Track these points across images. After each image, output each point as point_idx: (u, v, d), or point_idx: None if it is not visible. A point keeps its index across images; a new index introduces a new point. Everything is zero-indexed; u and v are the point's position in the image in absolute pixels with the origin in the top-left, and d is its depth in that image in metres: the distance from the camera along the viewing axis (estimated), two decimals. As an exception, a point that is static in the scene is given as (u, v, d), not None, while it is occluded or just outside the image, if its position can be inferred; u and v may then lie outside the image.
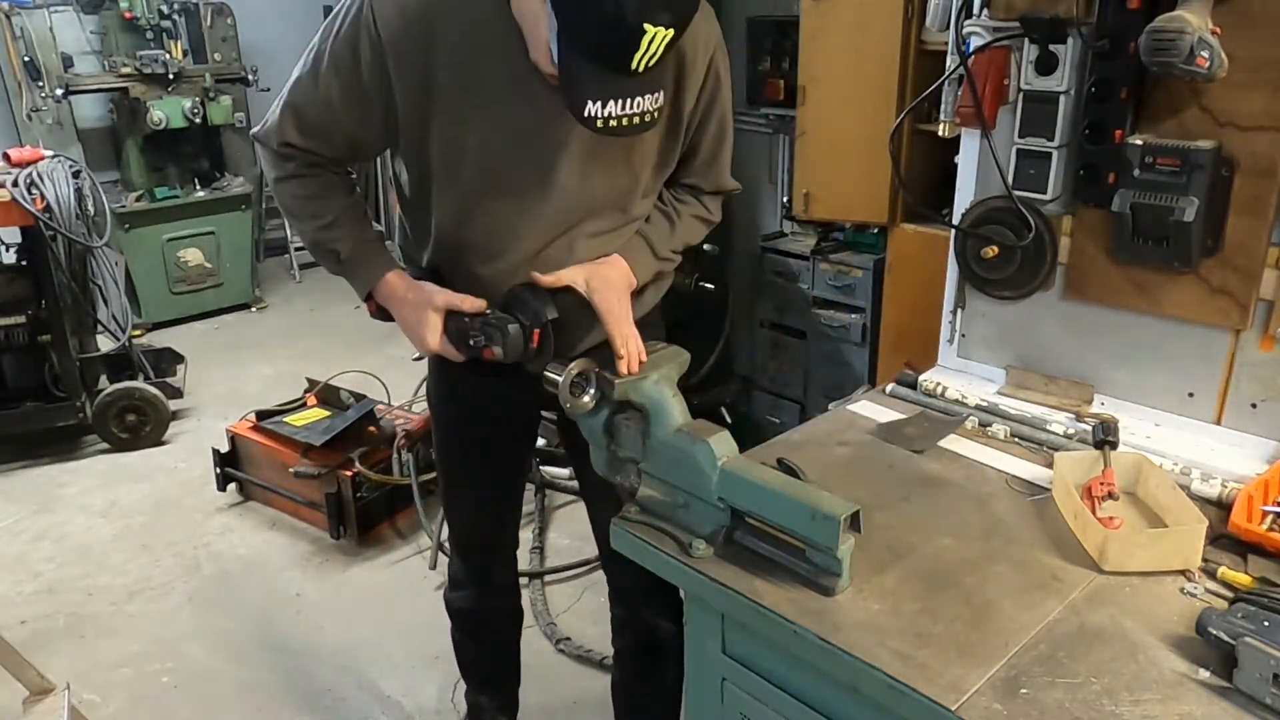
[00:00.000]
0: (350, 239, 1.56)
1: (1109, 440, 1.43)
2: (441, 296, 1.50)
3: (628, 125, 1.26)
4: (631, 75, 1.20)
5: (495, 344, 1.46)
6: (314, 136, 1.49)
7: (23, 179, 3.50)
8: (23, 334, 3.72)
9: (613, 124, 1.24)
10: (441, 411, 1.87)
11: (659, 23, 1.16)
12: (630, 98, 1.23)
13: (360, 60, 1.40)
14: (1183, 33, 1.28)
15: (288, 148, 1.51)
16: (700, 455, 1.26)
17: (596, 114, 1.23)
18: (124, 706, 2.54)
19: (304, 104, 1.47)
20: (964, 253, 1.72)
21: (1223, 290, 1.45)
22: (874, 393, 1.84)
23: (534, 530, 3.25)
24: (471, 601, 2.09)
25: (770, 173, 3.87)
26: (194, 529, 3.38)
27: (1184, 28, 1.28)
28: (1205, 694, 1.03)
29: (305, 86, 1.46)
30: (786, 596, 1.19)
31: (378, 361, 4.21)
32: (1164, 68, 1.32)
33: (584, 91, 1.22)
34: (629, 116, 1.25)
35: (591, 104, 1.22)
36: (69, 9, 5.13)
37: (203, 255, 5.41)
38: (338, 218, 1.55)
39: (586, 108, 1.22)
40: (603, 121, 1.24)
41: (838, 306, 3.37)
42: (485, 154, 1.47)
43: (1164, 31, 1.29)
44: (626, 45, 1.17)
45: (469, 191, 1.51)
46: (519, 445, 1.93)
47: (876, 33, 2.88)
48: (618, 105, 1.23)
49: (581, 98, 1.22)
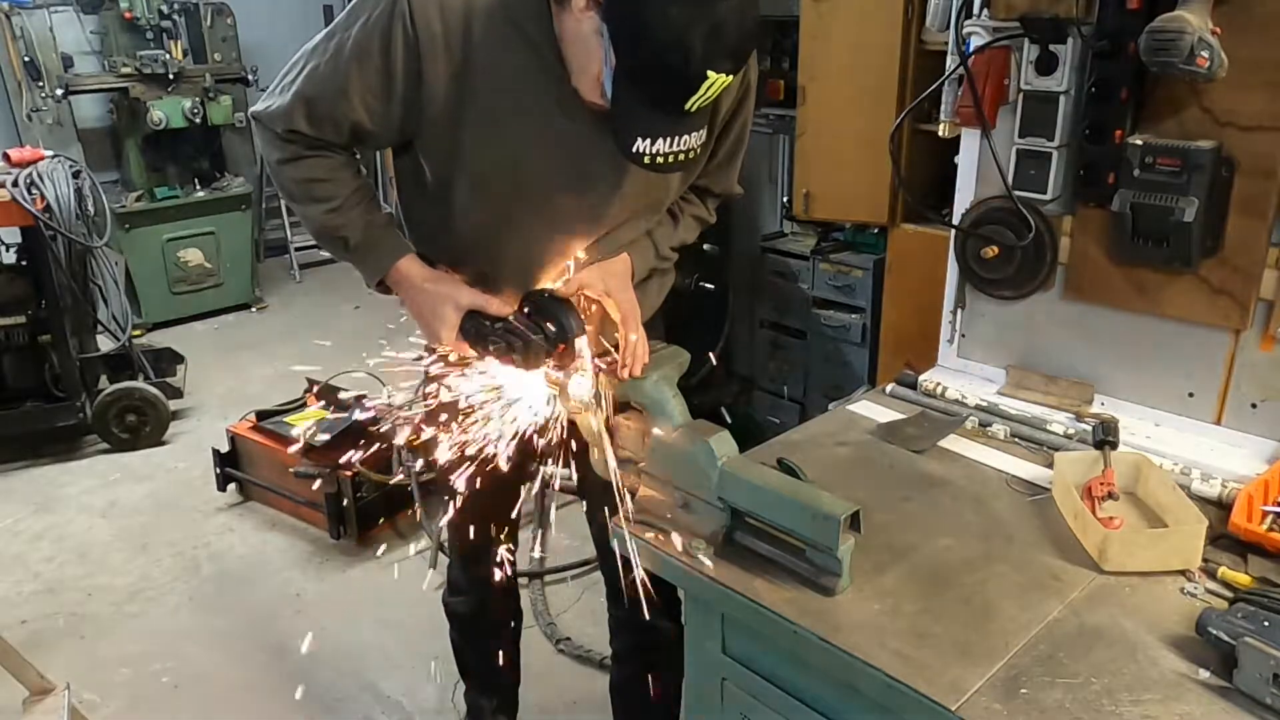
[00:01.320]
0: (360, 223, 1.51)
1: (1109, 440, 1.43)
2: (467, 296, 1.46)
3: (673, 162, 1.27)
4: (684, 115, 1.21)
5: (516, 352, 1.40)
6: (322, 124, 1.45)
7: (23, 179, 3.50)
8: (23, 334, 3.72)
9: (659, 160, 1.26)
10: None
11: (721, 70, 1.17)
12: (677, 135, 1.24)
13: (391, 54, 1.36)
14: (1183, 33, 1.28)
15: (293, 134, 1.46)
16: (700, 455, 1.26)
17: (644, 150, 1.24)
18: (124, 706, 2.54)
19: (317, 93, 1.42)
20: (964, 253, 1.72)
21: (1223, 290, 1.45)
22: (874, 393, 1.84)
23: (534, 530, 3.25)
24: (470, 606, 2.08)
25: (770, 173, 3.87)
26: (194, 529, 3.38)
27: (1184, 28, 1.28)
28: (1205, 694, 1.03)
29: (322, 75, 1.41)
30: (786, 596, 1.19)
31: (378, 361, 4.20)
32: (1164, 68, 1.32)
33: (634, 129, 1.23)
34: (675, 154, 1.26)
35: (641, 141, 1.23)
36: (69, 9, 5.13)
37: (203, 255, 5.41)
38: (345, 200, 1.50)
39: (636, 145, 1.23)
40: (649, 158, 1.25)
41: (838, 306, 3.37)
42: (521, 165, 1.45)
43: (1164, 31, 1.29)
44: (686, 90, 1.18)
45: (500, 197, 1.49)
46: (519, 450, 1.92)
47: (876, 33, 2.88)
48: (666, 143, 1.24)
49: (631, 135, 1.23)
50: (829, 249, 3.39)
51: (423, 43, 1.35)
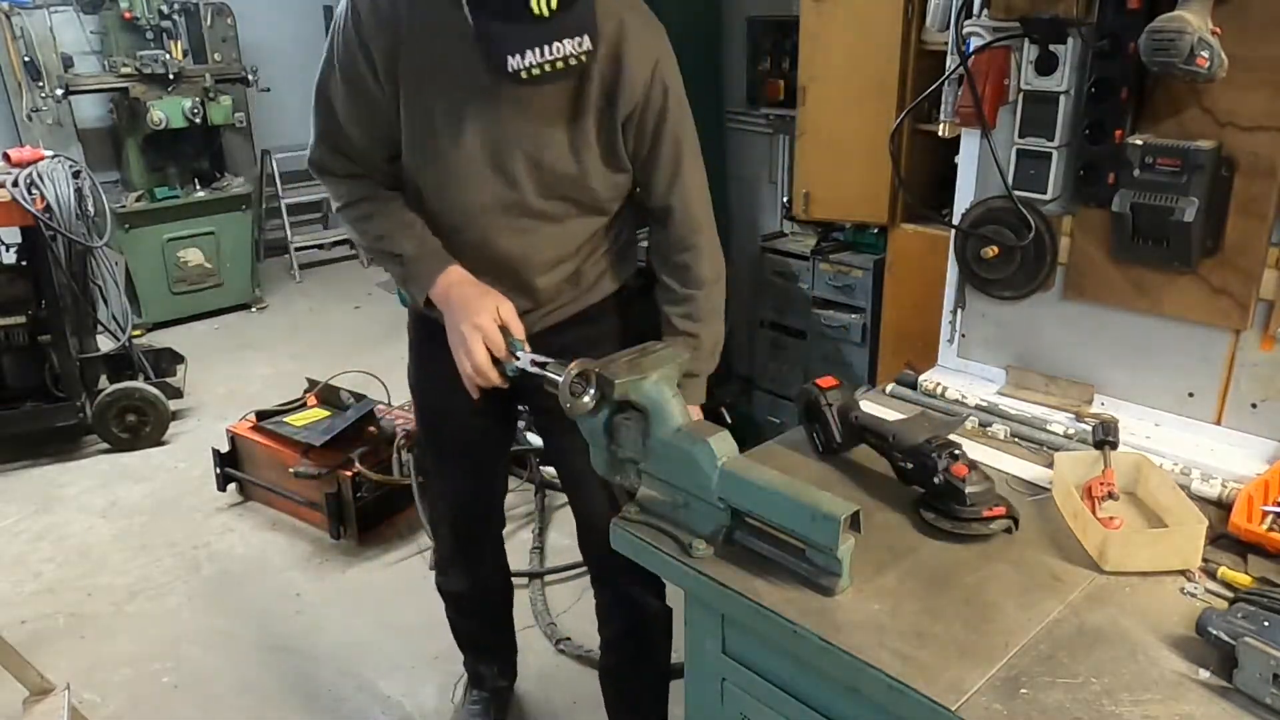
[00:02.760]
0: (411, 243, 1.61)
1: (1109, 440, 1.43)
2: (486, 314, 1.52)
3: (551, 70, 1.29)
4: (538, 20, 1.25)
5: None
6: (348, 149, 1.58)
7: (23, 179, 3.50)
8: (23, 334, 3.72)
9: (535, 71, 1.29)
10: (420, 391, 1.93)
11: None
12: (547, 44, 1.27)
13: (352, 55, 1.49)
14: (1183, 33, 1.28)
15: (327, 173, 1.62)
16: (700, 455, 1.26)
17: (519, 65, 1.28)
18: (124, 706, 2.54)
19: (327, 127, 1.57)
20: (964, 253, 1.72)
21: (1223, 290, 1.45)
22: (874, 393, 1.84)
23: (534, 530, 3.25)
24: (461, 582, 2.14)
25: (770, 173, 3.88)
26: (194, 529, 3.38)
27: (1184, 28, 1.28)
28: (1205, 694, 1.03)
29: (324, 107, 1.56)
30: (786, 596, 1.19)
31: (378, 361, 4.20)
32: (1164, 68, 1.32)
33: (501, 48, 1.27)
34: (550, 62, 1.29)
35: (511, 58, 1.27)
36: (69, 9, 5.13)
37: (203, 255, 5.41)
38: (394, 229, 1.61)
39: (508, 63, 1.27)
40: (525, 71, 1.28)
41: (838, 306, 3.37)
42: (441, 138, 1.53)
43: (1164, 31, 1.29)
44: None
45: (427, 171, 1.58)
46: (497, 427, 1.98)
47: (876, 33, 2.88)
48: (536, 54, 1.27)
49: (501, 55, 1.28)
50: (829, 249, 3.39)
51: (364, 29, 1.47)
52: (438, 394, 1.86)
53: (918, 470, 1.35)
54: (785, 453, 1.56)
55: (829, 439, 1.51)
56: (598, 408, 1.38)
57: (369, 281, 6.11)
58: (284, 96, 5.94)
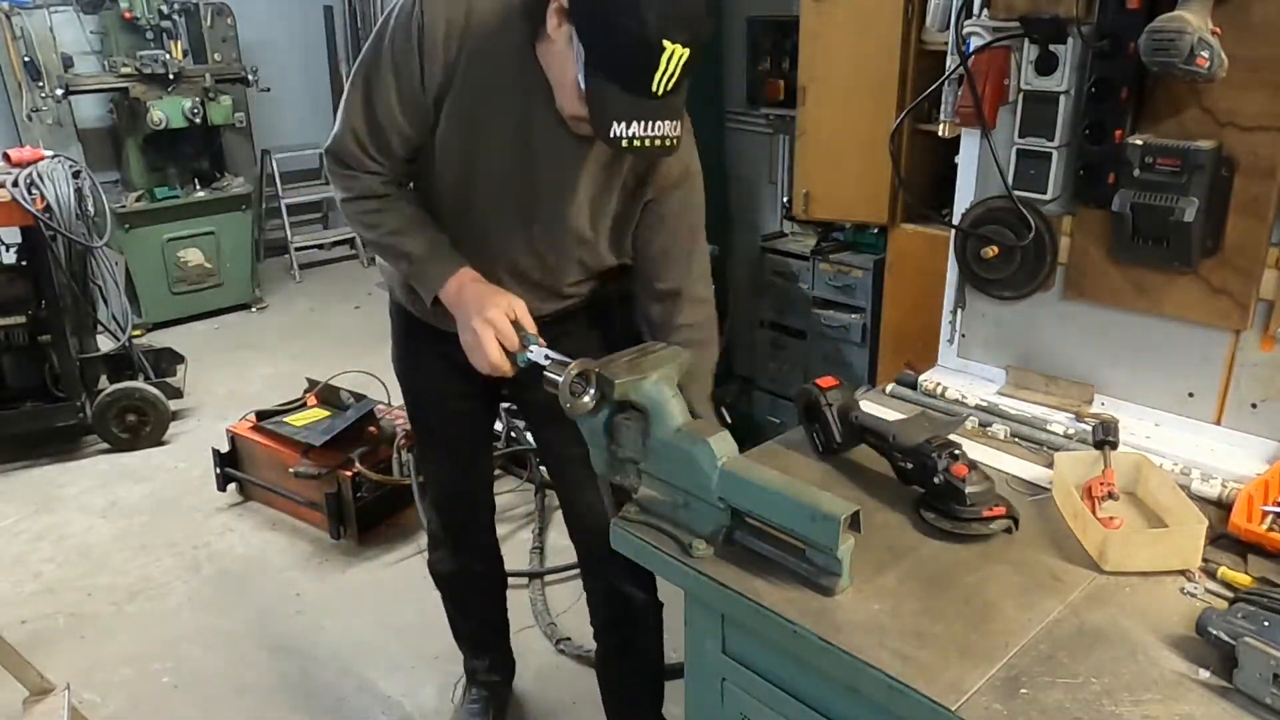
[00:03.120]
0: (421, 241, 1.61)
1: (1109, 440, 1.43)
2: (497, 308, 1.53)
3: (650, 146, 1.35)
4: (652, 98, 1.30)
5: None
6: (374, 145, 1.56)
7: (23, 179, 3.50)
8: (23, 334, 3.72)
9: (636, 144, 1.33)
10: (405, 376, 1.97)
11: (677, 40, 1.27)
12: (652, 120, 1.32)
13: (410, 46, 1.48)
14: (1183, 33, 1.28)
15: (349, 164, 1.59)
16: (700, 455, 1.26)
17: (621, 134, 1.32)
18: (124, 706, 2.53)
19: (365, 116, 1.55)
20: (964, 253, 1.72)
21: (1223, 290, 1.45)
22: (874, 393, 1.84)
23: (534, 530, 3.25)
24: (450, 562, 2.18)
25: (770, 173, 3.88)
26: (194, 529, 3.38)
27: (1184, 28, 1.28)
28: (1205, 694, 1.03)
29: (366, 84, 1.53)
30: (786, 596, 1.19)
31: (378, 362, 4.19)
32: (1164, 68, 1.32)
33: (609, 113, 1.32)
34: (651, 139, 1.34)
35: (617, 125, 1.32)
36: (69, 9, 5.12)
37: (203, 255, 5.40)
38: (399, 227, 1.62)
39: (613, 128, 1.32)
40: (627, 141, 1.33)
41: (838, 306, 3.37)
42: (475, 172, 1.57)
43: (1164, 31, 1.29)
44: (648, 63, 1.27)
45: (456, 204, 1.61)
46: (483, 414, 2.03)
47: (876, 33, 2.88)
48: (641, 126, 1.32)
49: (607, 119, 1.32)
50: (829, 249, 3.39)
51: (426, 44, 1.46)
52: (420, 379, 1.93)
53: (918, 470, 1.36)
54: (785, 453, 1.56)
55: (829, 439, 1.51)
56: (598, 408, 1.38)
57: (369, 281, 6.11)
58: (284, 96, 5.94)
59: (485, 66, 1.48)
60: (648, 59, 1.27)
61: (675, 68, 1.28)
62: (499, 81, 1.49)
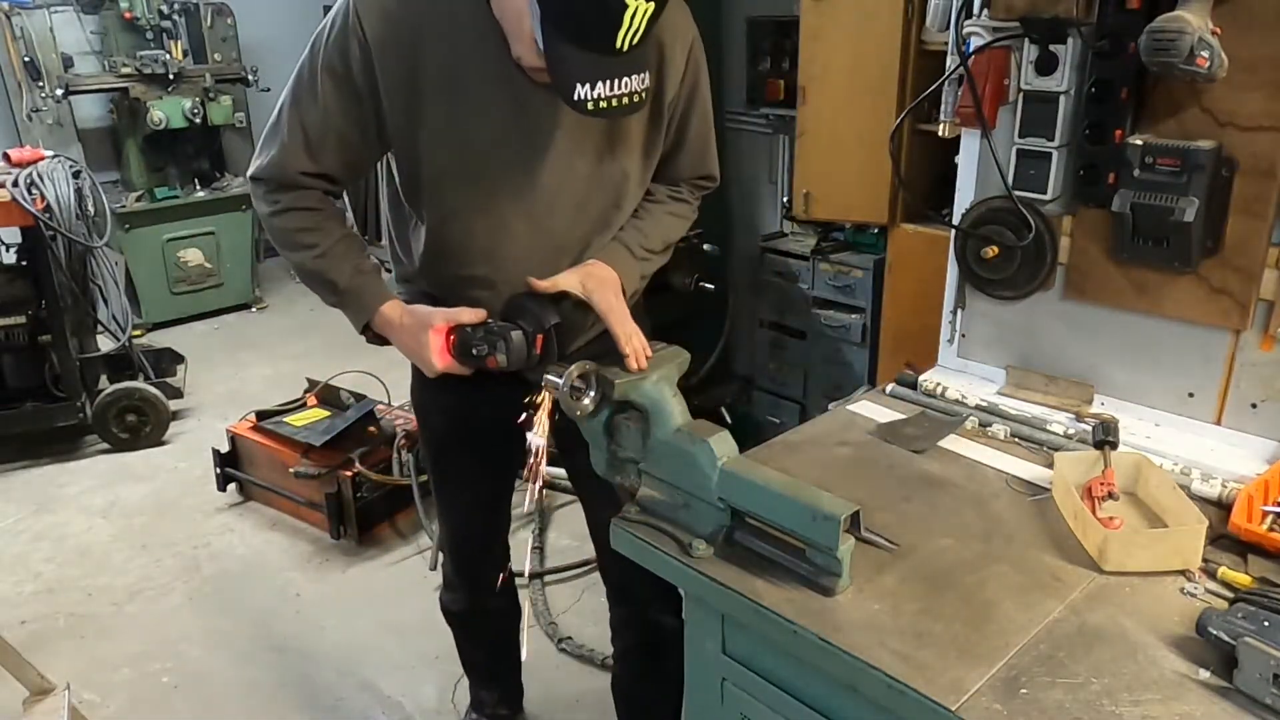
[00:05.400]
0: (346, 269, 1.55)
1: (1109, 440, 1.43)
2: (439, 315, 1.51)
3: (617, 106, 1.27)
4: (616, 54, 1.22)
5: (499, 352, 1.45)
6: (319, 157, 1.49)
7: (23, 179, 3.50)
8: (23, 334, 3.72)
9: (602, 105, 1.26)
10: (428, 417, 1.88)
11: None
12: (617, 78, 1.25)
13: (350, 62, 1.42)
14: (1183, 33, 1.28)
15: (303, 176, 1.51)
16: (700, 455, 1.26)
17: (586, 96, 1.24)
18: (124, 706, 2.54)
19: (306, 124, 1.47)
20: (964, 253, 1.72)
21: (1223, 290, 1.45)
22: (874, 393, 1.84)
23: (534, 530, 3.25)
24: (465, 603, 2.11)
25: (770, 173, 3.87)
26: (194, 529, 3.38)
27: (1184, 28, 1.28)
28: (1205, 694, 1.03)
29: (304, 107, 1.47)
30: (786, 596, 1.19)
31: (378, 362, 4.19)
32: (1164, 68, 1.32)
33: (571, 75, 1.24)
34: (617, 97, 1.27)
35: (580, 87, 1.24)
36: (69, 9, 5.13)
37: (203, 255, 5.41)
38: (331, 248, 1.55)
39: (575, 91, 1.24)
40: (593, 103, 1.25)
41: (838, 306, 3.37)
42: (472, 153, 1.49)
43: (1164, 31, 1.29)
44: (610, 23, 1.19)
45: (460, 190, 1.52)
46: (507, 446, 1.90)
47: (876, 33, 2.88)
48: (606, 86, 1.25)
49: (570, 81, 1.24)
50: (829, 249, 3.39)
51: (372, 43, 1.40)
52: (447, 419, 1.84)
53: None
54: (786, 453, 1.56)
55: None
56: (598, 408, 1.38)
57: (369, 281, 6.11)
58: (284, 96, 5.93)
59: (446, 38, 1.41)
60: (609, 18, 1.19)
61: (640, 23, 1.20)
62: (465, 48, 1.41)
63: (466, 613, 2.13)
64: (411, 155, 1.51)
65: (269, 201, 1.54)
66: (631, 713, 2.09)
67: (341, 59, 1.42)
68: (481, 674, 2.29)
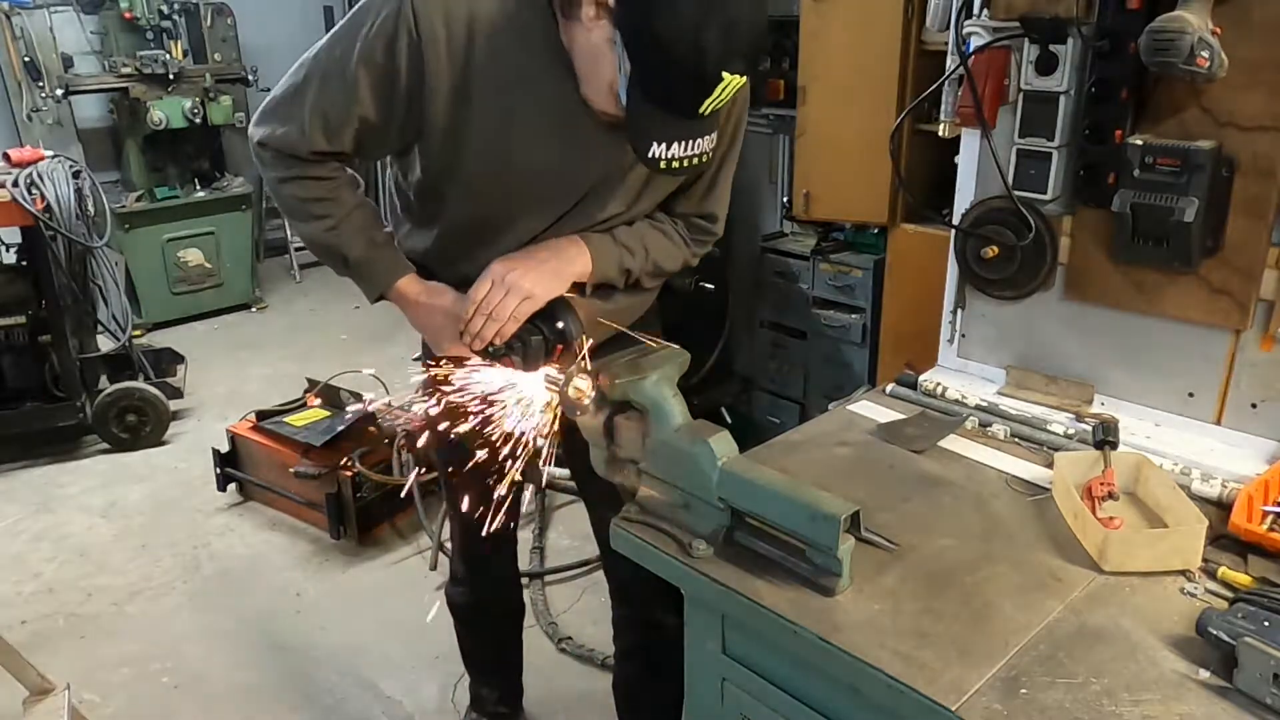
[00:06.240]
0: (360, 240, 1.54)
1: (1109, 440, 1.43)
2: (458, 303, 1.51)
3: (686, 165, 1.29)
4: (697, 119, 1.23)
5: (515, 354, 1.44)
6: (337, 137, 1.46)
7: (23, 179, 3.50)
8: (23, 334, 3.72)
9: (674, 164, 1.28)
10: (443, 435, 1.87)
11: (734, 70, 1.19)
12: (691, 139, 1.26)
13: (396, 58, 1.38)
14: (1183, 33, 1.28)
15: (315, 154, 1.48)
16: (700, 455, 1.26)
17: (660, 155, 1.26)
18: (124, 706, 2.54)
19: (328, 109, 1.44)
20: (964, 253, 1.72)
21: (1223, 290, 1.45)
22: (874, 393, 1.84)
23: (534, 530, 3.25)
24: (471, 597, 2.12)
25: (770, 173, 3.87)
26: (194, 529, 3.38)
27: (1184, 28, 1.28)
28: (1205, 694, 1.03)
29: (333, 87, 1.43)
30: (786, 596, 1.19)
31: (378, 361, 4.21)
32: (1164, 68, 1.32)
33: (650, 134, 1.25)
34: (689, 157, 1.28)
35: (656, 146, 1.25)
36: (69, 9, 5.13)
37: (203, 255, 5.41)
38: (344, 218, 1.53)
39: (652, 149, 1.25)
40: (665, 162, 1.27)
41: (838, 306, 3.37)
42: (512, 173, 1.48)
43: (1164, 31, 1.29)
44: (703, 93, 1.20)
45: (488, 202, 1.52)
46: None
47: (876, 33, 2.88)
48: (680, 147, 1.26)
49: (648, 140, 1.25)
50: (829, 249, 3.39)
51: (425, 47, 1.37)
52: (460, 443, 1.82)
53: None
54: (786, 453, 1.56)
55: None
56: (598, 408, 1.38)
57: (369, 281, 6.11)
58: (284, 96, 5.93)
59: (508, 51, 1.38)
60: (702, 90, 1.19)
61: (728, 93, 1.21)
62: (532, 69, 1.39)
63: (472, 606, 2.14)
64: (445, 157, 1.48)
65: (279, 168, 1.50)
66: (632, 713, 2.10)
67: (386, 51, 1.38)
68: (483, 669, 2.30)
